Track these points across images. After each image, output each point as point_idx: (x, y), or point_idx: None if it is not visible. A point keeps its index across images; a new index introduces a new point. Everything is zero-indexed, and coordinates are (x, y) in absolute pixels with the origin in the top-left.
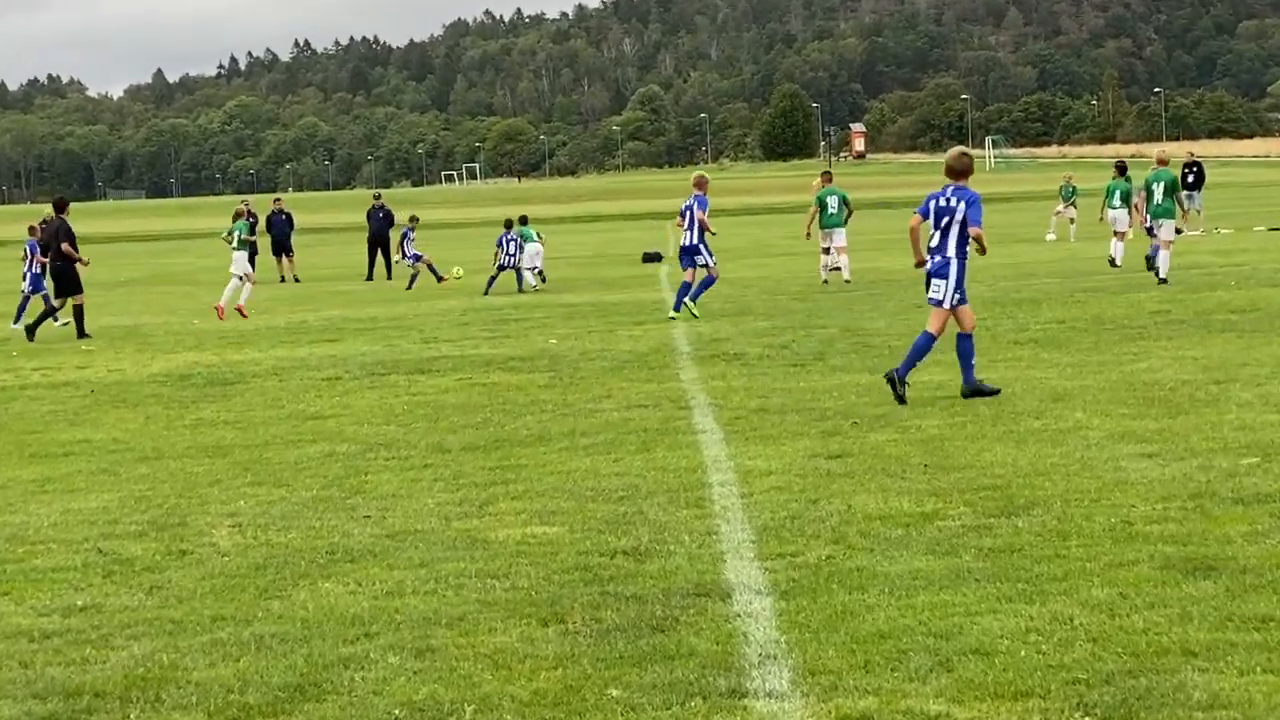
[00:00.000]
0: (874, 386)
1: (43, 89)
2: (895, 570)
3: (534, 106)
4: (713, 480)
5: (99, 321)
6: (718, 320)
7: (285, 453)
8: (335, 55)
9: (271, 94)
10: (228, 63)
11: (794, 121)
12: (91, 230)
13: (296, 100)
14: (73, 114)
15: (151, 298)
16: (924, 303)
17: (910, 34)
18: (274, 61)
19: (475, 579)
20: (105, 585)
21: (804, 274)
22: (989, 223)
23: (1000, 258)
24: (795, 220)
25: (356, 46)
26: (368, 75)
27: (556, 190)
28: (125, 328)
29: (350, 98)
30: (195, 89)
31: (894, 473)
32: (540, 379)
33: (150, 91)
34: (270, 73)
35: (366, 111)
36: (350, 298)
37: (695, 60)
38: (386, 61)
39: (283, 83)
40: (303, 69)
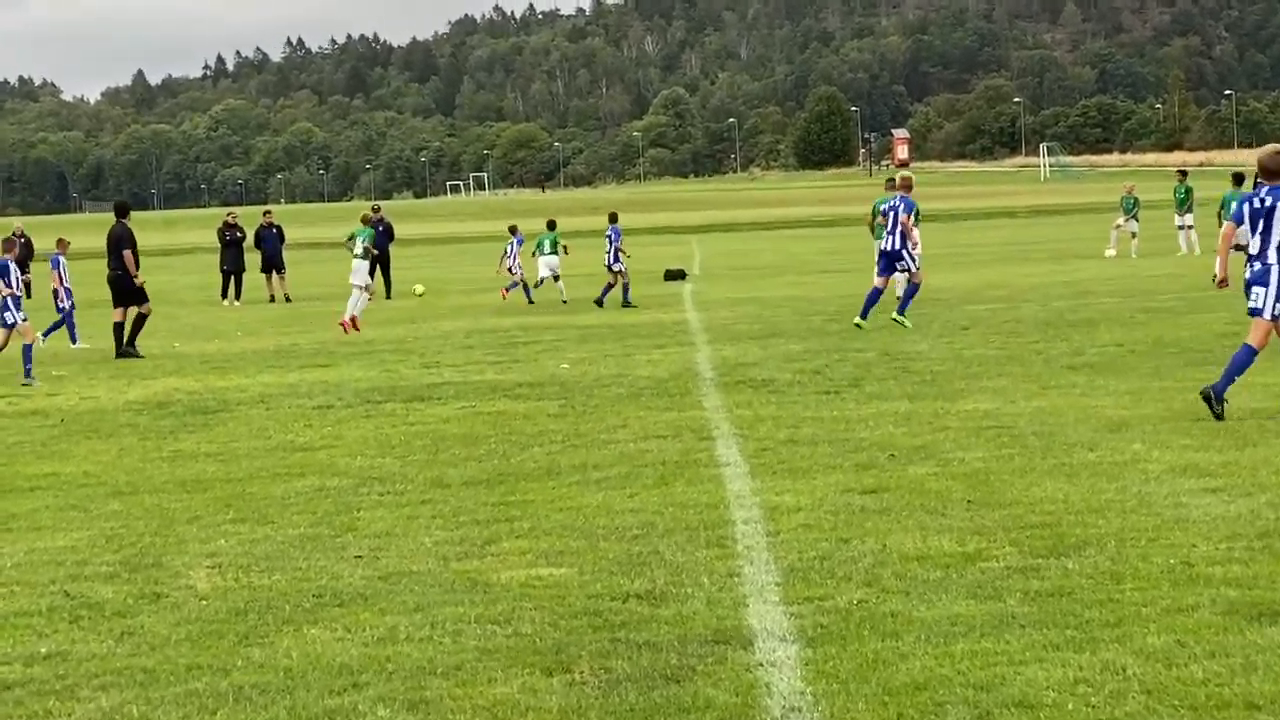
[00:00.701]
0: (913, 415)
1: (13, 92)
2: (933, 615)
3: (547, 111)
4: (736, 517)
5: (66, 345)
6: (744, 343)
7: (271, 487)
8: (331, 55)
9: (262, 97)
10: (214, 63)
11: (831, 127)
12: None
13: (289, 104)
14: (45, 119)
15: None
16: (971, 325)
17: (958, 31)
18: (264, 62)
19: (475, 624)
20: (72, 631)
21: (840, 293)
22: (1042, 235)
23: (1055, 275)
24: (832, 234)
25: (354, 45)
26: (366, 77)
27: (572, 202)
28: (99, 351)
29: (347, 101)
30: (179, 92)
31: (934, 509)
32: (550, 407)
33: (130, 95)
34: (260, 74)
35: (365, 116)
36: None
37: (723, 60)
38: (387, 62)
39: (274, 85)
40: (296, 70)
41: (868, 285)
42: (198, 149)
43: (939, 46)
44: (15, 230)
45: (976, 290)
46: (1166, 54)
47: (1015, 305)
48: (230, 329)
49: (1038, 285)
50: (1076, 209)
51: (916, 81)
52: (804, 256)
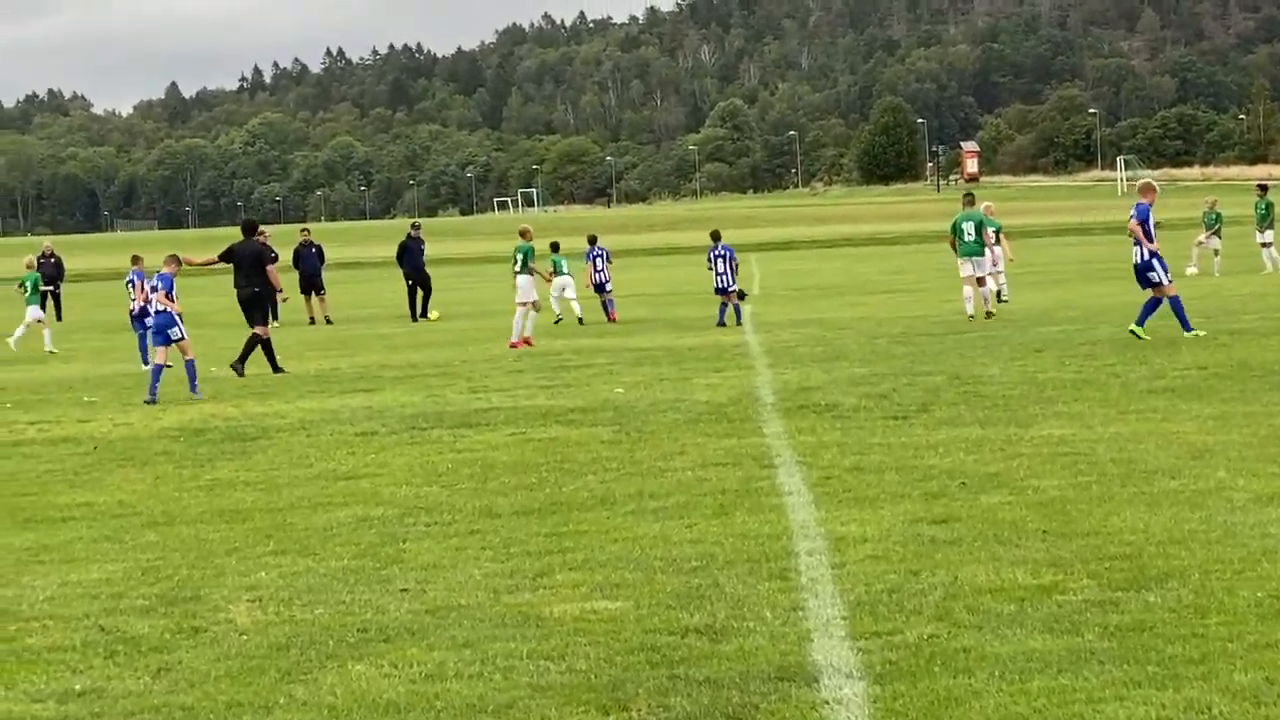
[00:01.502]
0: (985, 441)
1: (42, 106)
2: (1007, 651)
3: (599, 123)
4: (799, 549)
5: (101, 369)
6: (807, 366)
7: (312, 517)
8: (373, 66)
9: (300, 110)
10: (250, 75)
11: (897, 140)
12: (96, 266)
13: (329, 117)
14: (76, 134)
15: None
16: (1045, 347)
17: (1030, 39)
18: (303, 73)
19: (526, 660)
20: (107, 667)
21: (907, 313)
22: (1119, 253)
23: (1133, 295)
24: (898, 252)
25: (397, 56)
26: (410, 88)
27: (625, 219)
28: (133, 376)
29: (390, 114)
30: (214, 105)
31: (1007, 540)
32: (603, 433)
33: (163, 108)
34: (299, 86)
35: (408, 130)
36: (389, 342)
37: (783, 70)
38: (431, 73)
39: (313, 97)
40: (336, 81)
41: (934, 305)
42: (234, 164)
43: (1010, 55)
44: (45, 249)
45: (1049, 311)
46: (1251, 62)
47: (1091, 326)
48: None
49: (1114, 305)
50: (1155, 225)
51: (986, 92)
52: (868, 276)
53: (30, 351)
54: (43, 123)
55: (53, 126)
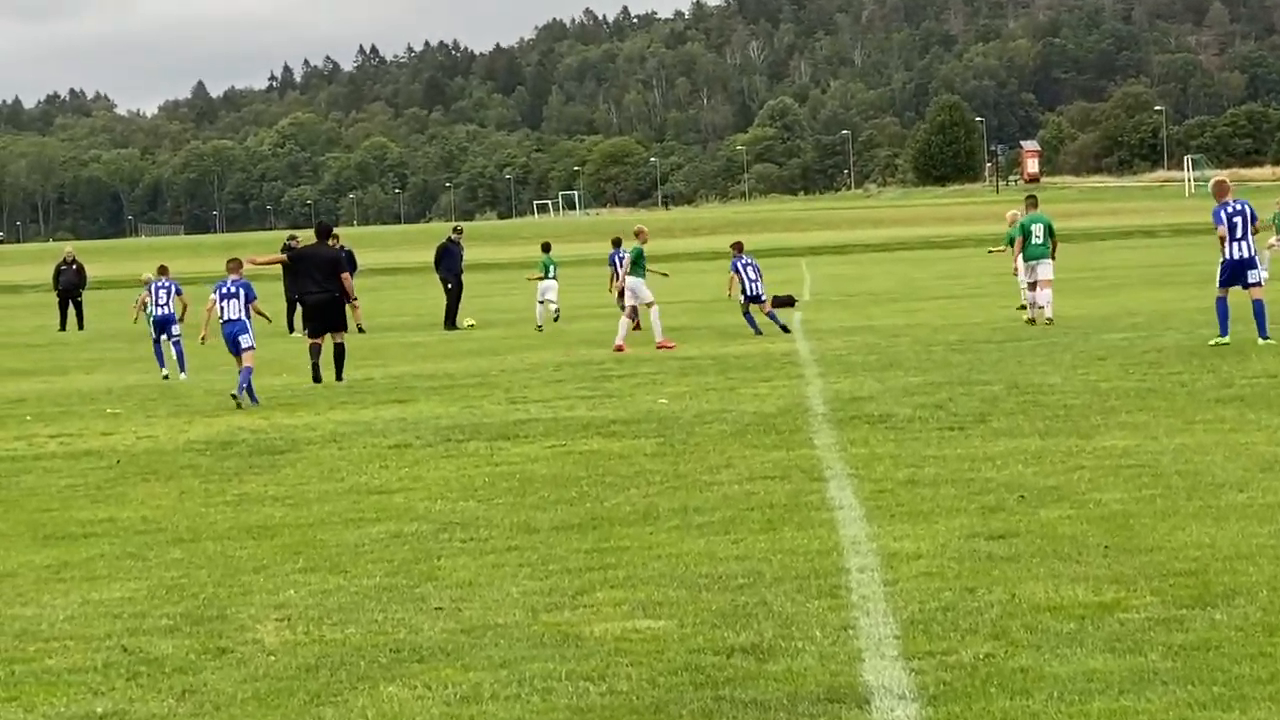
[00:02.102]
0: (1045, 453)
1: (64, 106)
2: (1067, 671)
3: (643, 123)
4: (850, 565)
5: (125, 380)
6: (859, 375)
7: (343, 533)
8: (407, 64)
9: (332, 110)
10: (280, 74)
11: (954, 139)
12: (120, 273)
13: (362, 117)
14: (99, 135)
15: (188, 351)
16: (1108, 355)
17: (1093, 34)
18: (335, 72)
19: (566, 681)
20: (130, 689)
21: (964, 320)
22: (1185, 257)
23: (1200, 300)
24: (954, 256)
25: (432, 54)
26: (446, 87)
27: (670, 222)
28: (158, 387)
29: (425, 114)
30: (242, 105)
31: (1067, 556)
32: (647, 446)
33: (189, 108)
34: (331, 85)
35: (444, 130)
36: (423, 351)
37: (835, 67)
38: (468, 71)
39: (345, 97)
40: (369, 80)
41: (992, 311)
42: (263, 167)
43: (1072, 50)
44: (66, 256)
45: (1113, 317)
46: None
47: (1156, 333)
48: (300, 362)
49: (1180, 311)
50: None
51: (1047, 89)
52: (923, 281)
53: (52, 361)
54: (64, 124)
55: (75, 128)
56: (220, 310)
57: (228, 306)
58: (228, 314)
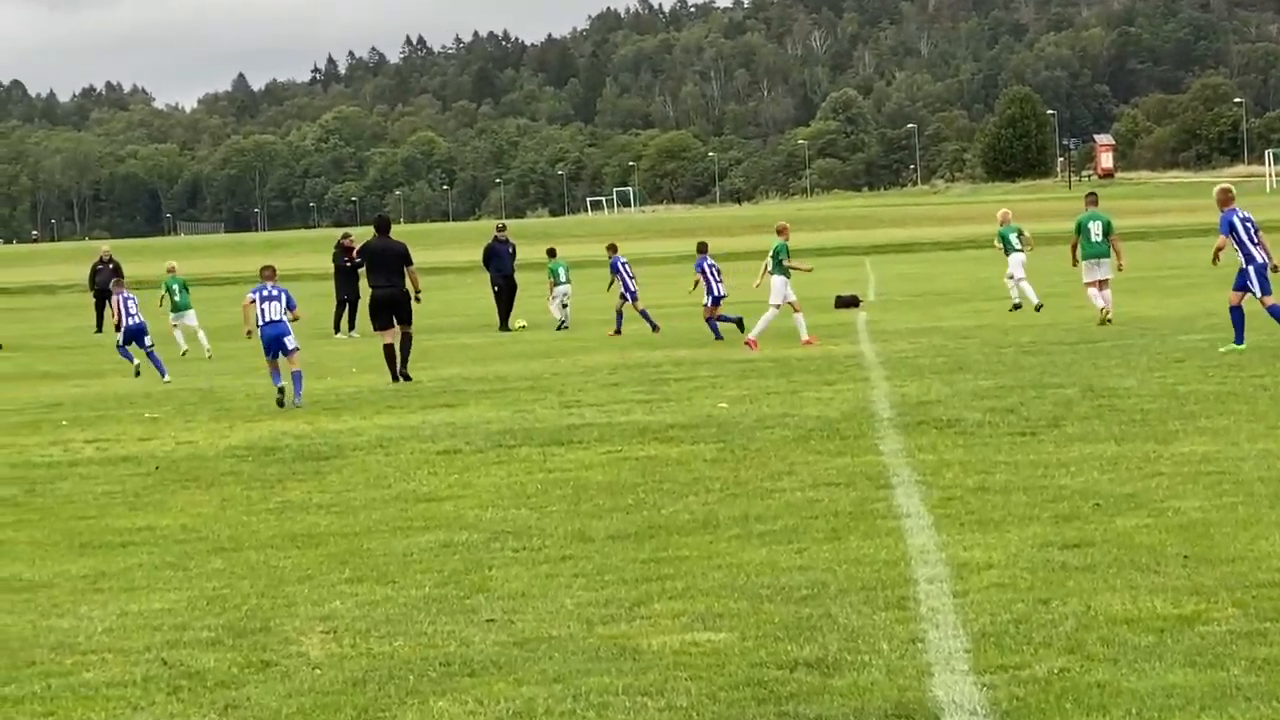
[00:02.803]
0: (1121, 459)
1: (100, 100)
2: (1145, 686)
3: (700, 116)
4: (918, 576)
5: (163, 384)
6: (927, 378)
7: (391, 542)
8: (456, 55)
9: (378, 103)
10: (324, 66)
11: (1024, 133)
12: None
13: (408, 111)
14: (136, 130)
15: (230, 353)
16: (1186, 357)
17: (1170, 23)
18: (380, 64)
19: (622, 696)
20: (170, 704)
21: (1035, 321)
22: (1275, 255)
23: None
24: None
25: (482, 44)
26: (496, 80)
27: (729, 220)
28: (198, 391)
29: (474, 108)
30: (284, 98)
31: (1145, 566)
32: (706, 451)
33: (229, 102)
34: (376, 77)
35: (494, 124)
36: (473, 353)
37: (901, 58)
38: (519, 62)
39: (391, 89)
40: (416, 72)
41: (1065, 311)
42: (306, 162)
43: (1148, 40)
44: (103, 254)
45: (1191, 318)
46: None
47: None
48: (344, 364)
49: (1261, 312)
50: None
51: (1122, 80)
52: (993, 281)
53: (88, 364)
54: (100, 119)
55: (111, 122)
56: (261, 312)
57: (269, 309)
58: (269, 315)
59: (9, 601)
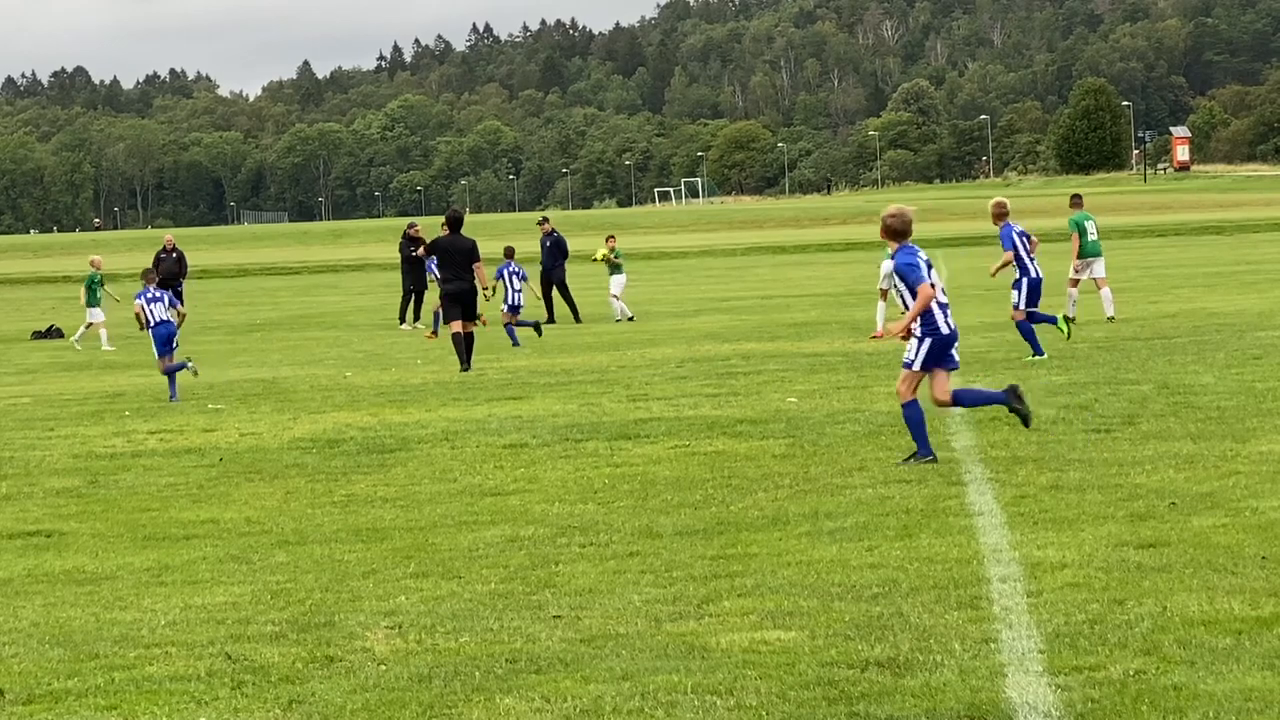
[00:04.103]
0: (1198, 458)
1: (163, 87)
2: (1222, 689)
3: (770, 107)
4: (991, 575)
5: (227, 374)
6: (1000, 374)
7: (457, 537)
8: (523, 44)
9: (444, 92)
10: (389, 53)
11: (1099, 124)
12: (221, 261)
13: (474, 100)
14: (199, 118)
15: (293, 344)
16: (1264, 354)
17: (1248, 14)
18: (447, 52)
19: (691, 695)
20: (234, 698)
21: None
22: None
23: None
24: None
25: (549, 33)
26: (563, 69)
27: (798, 211)
28: (261, 381)
29: (541, 96)
30: (349, 86)
31: (1222, 567)
32: (775, 447)
33: (294, 89)
34: (442, 65)
35: (561, 113)
36: (538, 345)
37: (974, 48)
38: (586, 51)
39: (458, 78)
40: (482, 61)
41: (1141, 306)
42: (370, 151)
43: (1225, 31)
44: (166, 244)
45: (1269, 314)
46: None
47: None
48: (409, 356)
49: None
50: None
51: (1199, 72)
52: (1066, 274)
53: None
54: (164, 105)
55: (175, 110)
56: (151, 314)
57: (156, 310)
58: (158, 316)
59: (72, 594)
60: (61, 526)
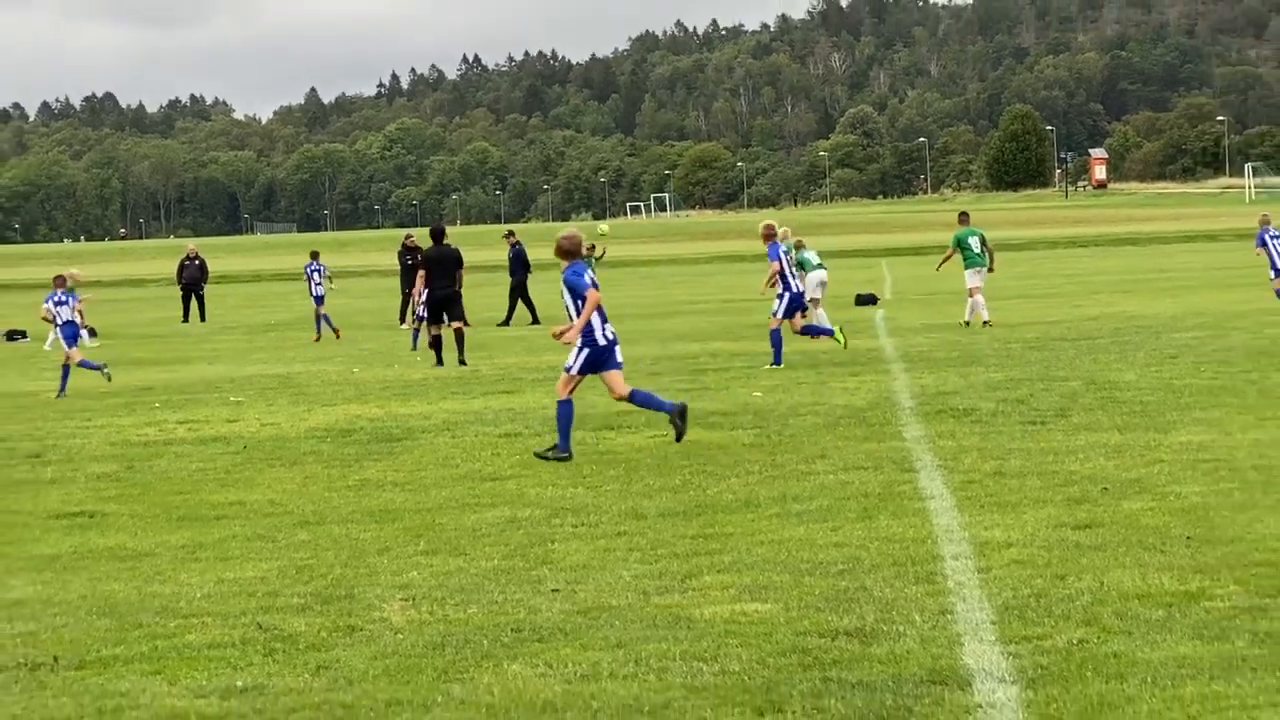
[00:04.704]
0: (1125, 447)
1: (184, 111)
2: (1158, 657)
3: (730, 130)
4: (945, 553)
5: (245, 370)
6: (943, 371)
7: (461, 518)
8: (508, 72)
9: (437, 116)
10: (388, 81)
11: (1026, 146)
12: (237, 267)
13: (465, 123)
14: (217, 138)
15: (304, 343)
16: (1179, 353)
17: (1158, 48)
18: (440, 80)
19: (680, 661)
20: (267, 664)
21: (1039, 319)
22: (1247, 260)
23: (1266, 302)
24: (1027, 258)
25: (532, 63)
26: (544, 95)
27: (757, 224)
28: (277, 377)
29: (525, 120)
30: (352, 110)
31: (1152, 546)
32: (744, 436)
33: (302, 113)
34: (436, 92)
35: (543, 135)
36: (526, 344)
37: (913, 77)
38: (565, 79)
39: (450, 103)
40: (472, 88)
41: (1066, 310)
42: (371, 169)
43: (1138, 63)
44: (190, 252)
45: (1181, 317)
46: None
47: (1224, 333)
48: (409, 354)
49: (1247, 312)
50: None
51: (1114, 99)
52: (998, 281)
53: (175, 352)
54: (185, 127)
55: (194, 131)
56: (57, 314)
57: (62, 312)
58: (64, 317)
59: (115, 569)
60: (103, 508)
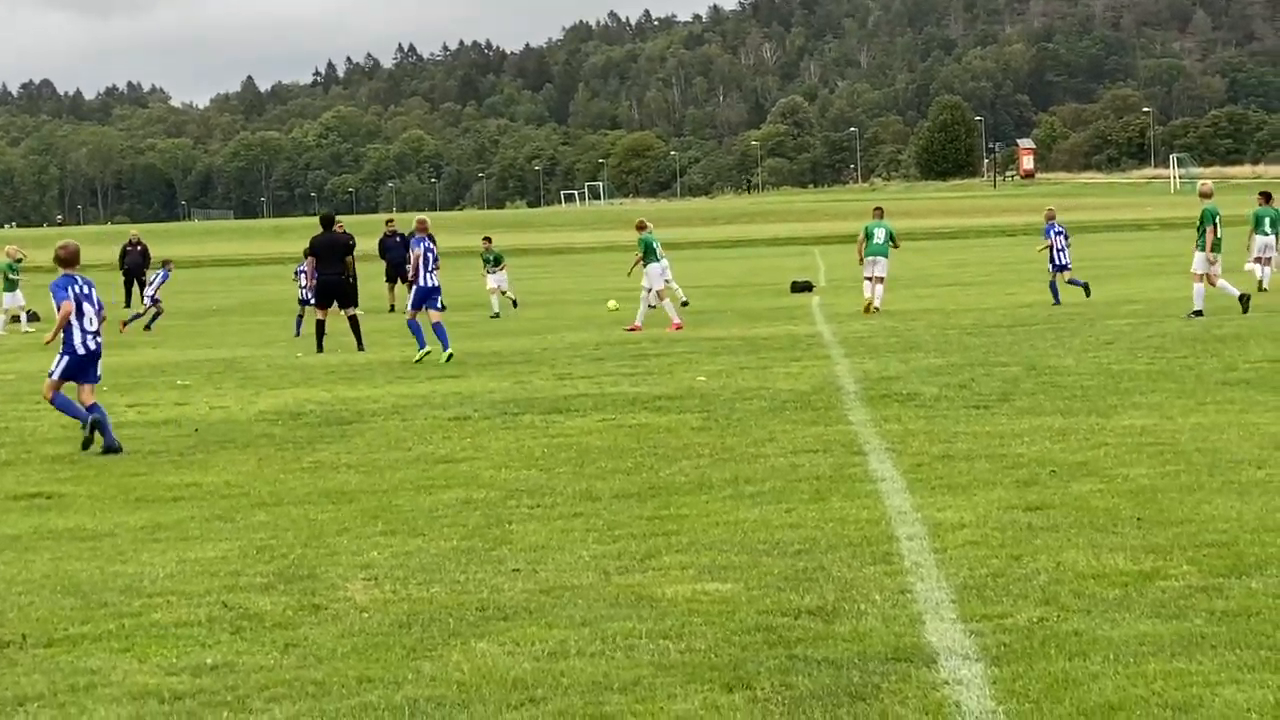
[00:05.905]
0: (1069, 431)
1: (122, 98)
2: (1118, 635)
3: (663, 119)
4: (899, 533)
5: (189, 355)
6: (883, 356)
7: (417, 499)
8: (443, 62)
9: (372, 104)
10: (324, 70)
11: (954, 136)
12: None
13: (400, 111)
14: (154, 125)
15: (247, 328)
16: (1114, 339)
17: (1084, 40)
18: (375, 69)
19: (646, 639)
20: (235, 642)
21: (975, 306)
22: (1173, 248)
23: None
24: (958, 246)
25: (466, 52)
26: (479, 84)
27: (690, 212)
28: (222, 360)
29: (459, 109)
30: (288, 99)
31: (1103, 527)
32: (692, 420)
33: (239, 101)
34: (371, 81)
35: (477, 124)
36: (469, 330)
37: (843, 68)
38: (499, 69)
39: (385, 92)
40: (407, 77)
41: (1000, 297)
42: (307, 156)
43: (1064, 55)
44: (132, 238)
45: (1112, 305)
46: None
47: (1156, 320)
48: (351, 339)
49: (1177, 300)
50: None
51: (1041, 91)
52: (931, 269)
53: (119, 336)
54: (122, 114)
55: (132, 118)
56: None
57: None
58: None
59: (76, 549)
60: (60, 489)
